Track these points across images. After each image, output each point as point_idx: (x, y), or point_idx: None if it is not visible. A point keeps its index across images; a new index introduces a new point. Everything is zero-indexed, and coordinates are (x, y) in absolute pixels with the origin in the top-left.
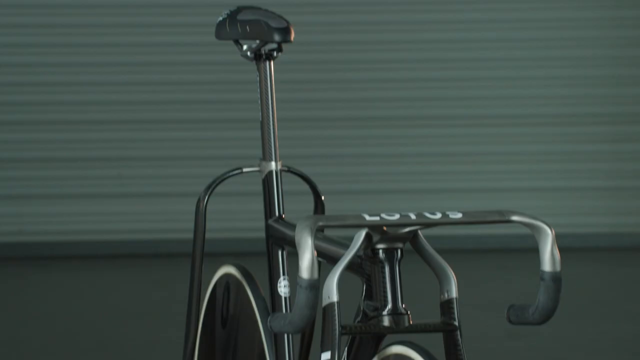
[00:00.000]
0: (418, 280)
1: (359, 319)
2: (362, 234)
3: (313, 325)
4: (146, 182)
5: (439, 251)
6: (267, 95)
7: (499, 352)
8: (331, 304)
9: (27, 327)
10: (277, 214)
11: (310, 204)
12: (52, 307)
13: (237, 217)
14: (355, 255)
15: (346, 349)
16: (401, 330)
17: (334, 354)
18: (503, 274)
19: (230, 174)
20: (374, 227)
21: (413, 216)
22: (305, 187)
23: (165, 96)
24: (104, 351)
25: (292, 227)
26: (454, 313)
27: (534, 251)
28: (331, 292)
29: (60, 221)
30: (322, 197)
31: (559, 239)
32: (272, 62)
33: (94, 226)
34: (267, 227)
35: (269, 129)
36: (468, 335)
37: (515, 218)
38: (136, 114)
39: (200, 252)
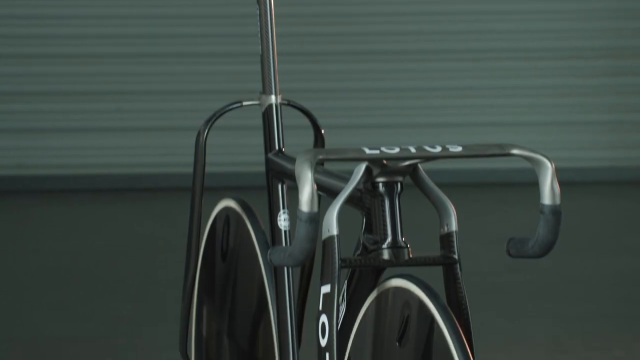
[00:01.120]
0: (418, 214)
1: (358, 252)
2: (362, 167)
3: (313, 259)
4: (146, 116)
5: (439, 185)
6: (267, 29)
7: (498, 286)
8: (331, 237)
9: (26, 261)
10: (277, 147)
11: (310, 138)
12: (52, 240)
13: (237, 151)
14: (355, 189)
15: (346, 282)
16: (401, 264)
17: (334, 287)
18: (503, 208)
19: (230, 107)
20: (373, 161)
21: (413, 149)
22: (306, 121)
23: (165, 30)
24: (104, 284)
25: (292, 160)
26: (453, 246)
27: (534, 185)
28: (331, 225)
29: (60, 155)
30: (322, 131)
31: (559, 172)
32: None
33: (94, 160)
34: (267, 161)
35: (269, 62)
36: (467, 269)
37: (515, 151)
38: (137, 48)
39: (200, 185)
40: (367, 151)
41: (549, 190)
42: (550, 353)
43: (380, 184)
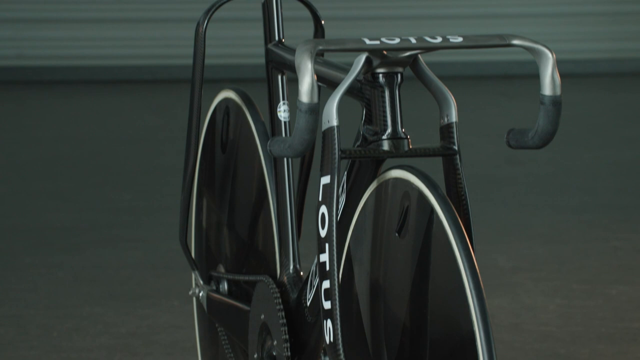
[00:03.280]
0: (418, 107)
1: (358, 143)
2: (362, 58)
3: (313, 150)
4: (146, 7)
5: (439, 78)
6: None
7: (497, 178)
8: (331, 128)
9: (26, 151)
10: (276, 38)
11: (310, 30)
12: (51, 131)
13: (236, 42)
14: (355, 80)
15: (345, 173)
16: (400, 155)
17: (334, 178)
18: (503, 100)
19: None
20: (374, 51)
21: (413, 40)
22: (305, 12)
23: None
24: (104, 175)
25: (292, 51)
26: (453, 137)
27: (535, 77)
28: (331, 116)
29: (61, 45)
30: (322, 22)
31: (559, 65)
32: None
33: (94, 51)
34: (267, 52)
35: None
36: (467, 161)
37: (516, 42)
38: None
39: (199, 77)
40: (367, 42)
41: (549, 81)
42: (549, 244)
43: (380, 75)
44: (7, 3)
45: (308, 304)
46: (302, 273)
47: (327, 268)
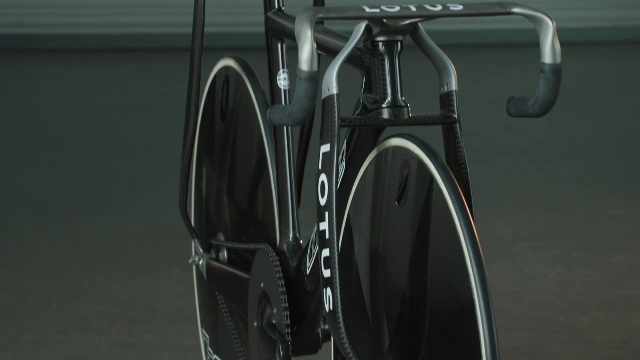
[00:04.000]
0: (418, 76)
1: (358, 112)
2: (362, 26)
3: (313, 118)
4: None
5: (440, 47)
6: None
7: (497, 146)
8: (331, 97)
9: (27, 119)
10: (277, 6)
11: None
12: (52, 100)
13: (236, 11)
14: (355, 48)
15: (345, 141)
16: (400, 123)
17: (334, 147)
18: (503, 69)
19: None
20: (374, 20)
21: (413, 8)
22: None
23: None
24: (105, 143)
25: (292, 19)
26: (453, 106)
27: (535, 46)
28: (331, 84)
29: (61, 13)
30: None
31: (560, 33)
32: None
33: (94, 19)
34: (267, 20)
35: None
36: (467, 130)
37: (516, 10)
38: None
39: (199, 45)
40: (368, 10)
41: (550, 49)
42: (549, 213)
43: (381, 44)
44: None
45: (308, 272)
46: (302, 242)
47: (327, 236)
